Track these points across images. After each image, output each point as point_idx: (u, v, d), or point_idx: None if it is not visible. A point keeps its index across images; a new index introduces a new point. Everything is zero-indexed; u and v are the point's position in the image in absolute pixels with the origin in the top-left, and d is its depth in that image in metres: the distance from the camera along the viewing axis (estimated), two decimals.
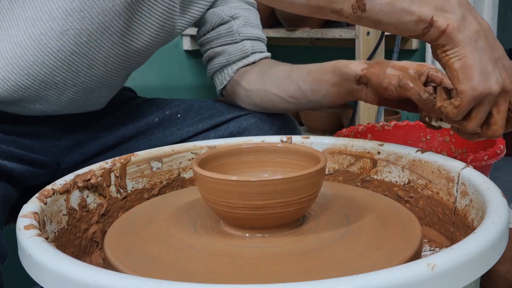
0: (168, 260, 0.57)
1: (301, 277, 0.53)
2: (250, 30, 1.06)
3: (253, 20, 1.07)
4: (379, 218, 0.66)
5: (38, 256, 0.49)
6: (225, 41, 1.04)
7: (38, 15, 0.85)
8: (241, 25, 1.05)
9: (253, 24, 1.07)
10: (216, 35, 1.05)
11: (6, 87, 0.88)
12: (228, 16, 1.04)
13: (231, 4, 1.05)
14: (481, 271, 0.47)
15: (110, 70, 0.95)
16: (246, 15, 1.06)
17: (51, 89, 0.91)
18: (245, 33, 1.05)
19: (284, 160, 0.72)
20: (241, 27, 1.05)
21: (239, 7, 1.06)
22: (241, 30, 1.05)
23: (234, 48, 1.04)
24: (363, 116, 1.76)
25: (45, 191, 0.65)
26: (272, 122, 1.01)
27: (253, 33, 1.06)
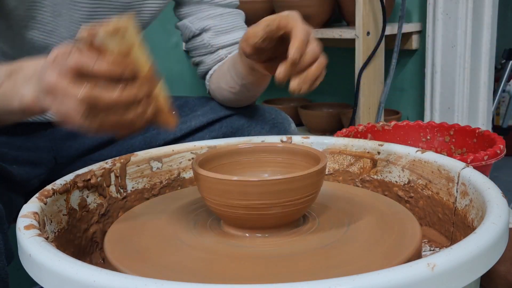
0: (168, 260, 0.57)
1: (301, 277, 0.53)
2: (223, 39, 1.03)
3: (227, 25, 1.04)
4: (379, 218, 0.66)
5: (38, 256, 0.49)
6: (201, 52, 1.05)
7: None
8: (213, 37, 1.03)
9: (226, 30, 1.04)
10: (192, 46, 1.06)
11: None
12: (197, 29, 1.03)
13: (201, 14, 1.03)
14: (481, 271, 0.47)
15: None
16: (217, 23, 1.03)
17: None
18: (218, 43, 1.03)
19: (284, 160, 0.72)
20: (213, 39, 1.03)
21: (210, 16, 1.03)
22: (213, 42, 1.03)
23: (210, 58, 1.05)
24: (363, 116, 1.76)
25: (45, 191, 0.65)
26: (264, 121, 1.02)
27: (227, 40, 1.03)
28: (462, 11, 1.75)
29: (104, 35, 0.52)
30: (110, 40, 0.52)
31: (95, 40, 0.52)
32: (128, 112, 0.55)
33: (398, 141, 1.23)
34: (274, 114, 1.04)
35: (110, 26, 0.52)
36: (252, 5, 1.95)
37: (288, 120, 1.06)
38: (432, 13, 1.82)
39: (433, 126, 1.25)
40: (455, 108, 1.83)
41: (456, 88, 1.82)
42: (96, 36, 0.52)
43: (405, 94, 2.07)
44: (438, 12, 1.79)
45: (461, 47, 1.78)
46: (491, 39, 1.82)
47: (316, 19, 1.83)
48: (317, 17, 1.83)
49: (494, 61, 1.89)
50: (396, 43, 1.78)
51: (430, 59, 1.85)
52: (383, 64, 1.81)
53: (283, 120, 1.04)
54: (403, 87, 2.06)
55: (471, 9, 1.75)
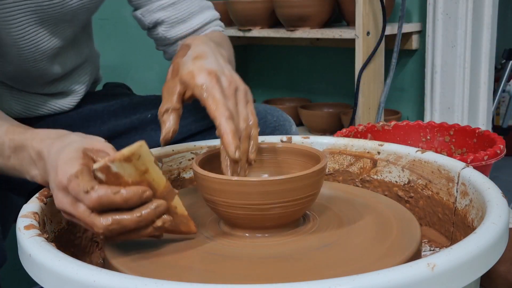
0: (168, 260, 0.57)
1: (301, 277, 0.53)
2: (179, 30, 0.99)
3: (180, 14, 0.99)
4: (379, 218, 0.66)
5: (38, 256, 0.49)
6: (161, 43, 1.03)
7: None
8: (167, 29, 0.99)
9: (181, 19, 0.99)
10: (151, 37, 1.03)
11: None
12: (150, 23, 0.99)
13: (151, 5, 0.98)
14: (481, 271, 0.47)
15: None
16: (170, 14, 0.98)
17: None
18: (174, 36, 0.99)
19: (284, 160, 0.72)
20: (168, 31, 0.99)
21: (161, 7, 0.98)
22: (169, 35, 0.99)
23: (171, 49, 1.02)
24: (363, 116, 1.76)
25: (45, 191, 0.65)
26: (266, 124, 1.01)
27: (184, 31, 0.99)
28: (462, 11, 1.75)
29: (117, 164, 0.54)
30: (124, 167, 0.54)
31: (110, 170, 0.54)
32: (147, 229, 0.57)
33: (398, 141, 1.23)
34: (276, 116, 1.03)
35: (122, 154, 0.54)
36: (252, 5, 1.95)
37: (290, 121, 1.05)
38: (432, 13, 1.82)
39: (433, 126, 1.25)
40: (455, 108, 1.83)
41: (456, 88, 1.82)
42: (110, 167, 0.54)
43: (405, 94, 2.07)
44: (438, 12, 1.79)
45: (461, 47, 1.78)
46: (491, 39, 1.82)
47: (316, 19, 1.83)
48: (317, 17, 1.83)
49: (494, 61, 1.89)
50: (396, 43, 1.78)
51: (430, 59, 1.85)
52: (383, 64, 1.81)
53: (284, 121, 1.04)
54: (403, 87, 2.06)
55: (471, 9, 1.75)
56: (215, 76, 0.68)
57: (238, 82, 0.70)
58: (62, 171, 0.57)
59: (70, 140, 0.63)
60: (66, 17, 0.88)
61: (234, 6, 1.99)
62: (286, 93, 2.43)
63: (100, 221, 0.55)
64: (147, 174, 0.56)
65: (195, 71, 0.69)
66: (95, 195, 0.54)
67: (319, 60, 2.30)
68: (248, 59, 2.55)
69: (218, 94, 0.66)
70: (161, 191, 0.57)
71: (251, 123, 0.68)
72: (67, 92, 1.03)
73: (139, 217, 0.55)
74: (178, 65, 0.72)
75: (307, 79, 2.36)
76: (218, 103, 0.65)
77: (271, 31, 1.94)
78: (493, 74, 1.90)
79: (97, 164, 0.54)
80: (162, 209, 0.57)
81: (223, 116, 0.64)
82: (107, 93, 1.15)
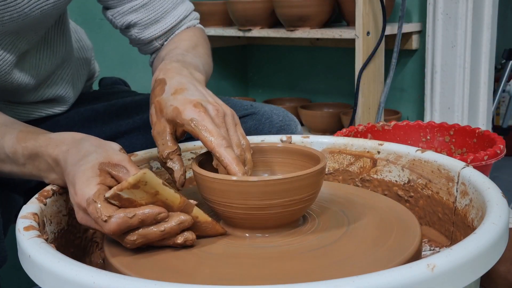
0: (168, 260, 0.57)
1: (300, 277, 0.53)
2: (152, 31, 0.96)
3: (153, 15, 0.96)
4: (379, 218, 0.66)
5: (38, 258, 0.49)
6: (135, 43, 1.01)
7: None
8: (140, 31, 0.96)
9: (154, 20, 0.96)
10: (126, 36, 1.01)
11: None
12: (122, 26, 0.97)
13: (122, 7, 0.95)
14: (481, 272, 0.47)
15: None
16: (142, 16, 0.95)
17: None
18: (148, 37, 0.97)
19: (284, 160, 0.72)
20: (141, 33, 0.96)
21: (132, 9, 0.95)
22: (142, 36, 0.97)
23: (145, 48, 1.00)
24: (363, 116, 1.76)
25: (44, 191, 0.65)
26: (271, 124, 1.01)
27: (157, 32, 0.96)
28: (462, 11, 1.75)
29: (128, 191, 0.56)
30: (134, 192, 0.56)
31: (121, 197, 0.56)
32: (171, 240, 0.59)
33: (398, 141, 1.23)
34: (281, 116, 1.03)
35: (129, 183, 0.55)
36: (252, 5, 1.95)
37: (295, 121, 1.05)
38: (432, 13, 1.82)
39: (433, 126, 1.25)
40: (455, 108, 1.83)
41: (456, 88, 1.82)
42: (121, 195, 0.56)
43: (405, 94, 2.07)
44: (438, 12, 1.79)
45: (461, 47, 1.78)
46: (491, 39, 1.82)
47: (316, 19, 1.83)
48: (317, 17, 1.83)
49: (494, 61, 1.89)
50: (396, 43, 1.78)
51: (430, 59, 1.85)
52: (383, 64, 1.81)
53: (290, 121, 1.03)
54: (403, 87, 2.06)
55: (471, 9, 1.75)
56: (202, 107, 0.66)
57: (224, 107, 0.69)
58: (80, 191, 0.59)
59: (85, 150, 0.64)
60: (29, 27, 0.86)
61: (234, 6, 1.99)
62: (286, 93, 2.43)
63: (126, 238, 0.57)
64: (159, 195, 0.57)
65: (180, 107, 0.67)
66: (114, 223, 0.56)
67: (319, 60, 2.30)
68: (248, 59, 2.55)
69: (210, 125, 0.65)
70: (177, 206, 0.58)
71: (244, 147, 0.67)
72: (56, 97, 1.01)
73: (163, 231, 0.57)
74: (160, 104, 0.70)
75: (307, 79, 2.36)
76: (213, 135, 0.64)
77: (271, 31, 1.94)
78: (493, 74, 1.90)
79: (108, 193, 0.56)
80: (185, 225, 0.58)
81: (221, 147, 0.63)
82: (107, 91, 1.14)
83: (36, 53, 0.94)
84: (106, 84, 1.22)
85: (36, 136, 0.69)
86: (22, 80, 0.92)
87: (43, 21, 0.88)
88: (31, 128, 0.73)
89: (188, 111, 0.66)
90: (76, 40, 1.09)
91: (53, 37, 0.97)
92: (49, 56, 0.96)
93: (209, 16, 2.15)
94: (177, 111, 0.67)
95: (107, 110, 1.05)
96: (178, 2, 0.99)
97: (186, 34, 0.98)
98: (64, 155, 0.64)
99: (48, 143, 0.67)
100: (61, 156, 0.65)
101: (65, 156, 0.64)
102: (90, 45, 1.15)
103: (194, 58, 0.86)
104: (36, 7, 0.83)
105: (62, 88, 1.02)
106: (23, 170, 0.70)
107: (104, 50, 1.90)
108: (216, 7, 2.14)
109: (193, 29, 1.00)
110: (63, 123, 1.02)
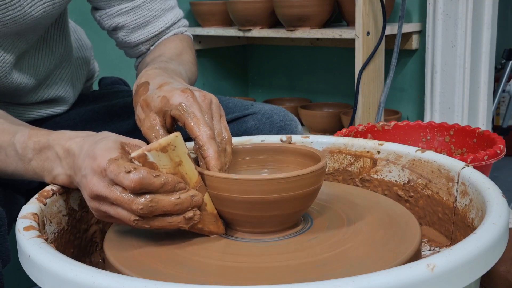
0: (168, 260, 0.57)
1: (300, 277, 0.53)
2: (139, 35, 0.97)
3: (141, 19, 0.96)
4: (379, 218, 0.66)
5: (38, 258, 0.49)
6: (121, 45, 1.01)
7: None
8: (127, 34, 0.97)
9: (142, 24, 0.96)
10: (112, 38, 1.01)
11: None
12: (109, 28, 0.97)
13: (111, 10, 0.95)
14: (481, 272, 0.47)
15: None
16: (130, 20, 0.95)
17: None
18: (135, 40, 0.97)
19: (284, 159, 0.72)
20: (128, 36, 0.97)
21: (121, 12, 0.95)
22: (129, 39, 0.97)
23: (131, 51, 1.01)
24: (363, 116, 1.76)
25: (44, 191, 0.65)
26: (272, 124, 1.01)
27: (144, 36, 0.97)
28: (462, 11, 1.75)
29: (154, 154, 0.56)
30: (160, 157, 0.56)
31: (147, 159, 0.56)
32: (179, 217, 0.58)
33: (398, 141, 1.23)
34: (282, 116, 1.03)
35: (159, 144, 0.56)
36: (252, 5, 1.95)
37: (296, 121, 1.05)
38: (432, 13, 1.82)
39: (433, 126, 1.25)
40: (455, 108, 1.83)
41: (456, 88, 1.82)
42: (147, 156, 0.56)
43: (405, 94, 2.07)
44: (438, 12, 1.79)
45: (461, 47, 1.78)
46: (491, 39, 1.82)
47: (316, 19, 1.83)
48: (317, 17, 1.83)
49: (494, 61, 1.89)
50: (396, 43, 1.78)
51: (430, 59, 1.85)
52: (383, 64, 1.81)
53: (290, 121, 1.03)
54: (403, 87, 2.06)
55: (471, 9, 1.75)
56: (190, 91, 0.66)
57: (210, 95, 0.69)
58: (102, 156, 0.58)
59: (105, 134, 0.63)
60: (29, 27, 0.86)
61: (234, 6, 1.99)
62: (286, 93, 2.43)
63: (139, 199, 0.56)
64: (181, 167, 0.57)
65: (167, 94, 0.67)
66: (137, 174, 0.55)
67: (319, 60, 2.30)
68: (248, 59, 2.55)
69: (197, 111, 0.64)
70: (193, 185, 0.59)
71: (225, 139, 0.67)
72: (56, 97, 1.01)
73: (178, 199, 0.57)
74: (146, 100, 0.69)
75: (307, 79, 2.36)
76: (199, 122, 0.63)
77: (271, 31, 1.95)
78: (493, 74, 1.90)
79: (135, 152, 0.56)
80: (197, 200, 0.58)
81: (205, 135, 0.63)
82: (107, 91, 1.14)
83: (35, 53, 0.94)
84: (106, 84, 1.22)
85: (49, 132, 0.69)
86: (22, 80, 0.92)
87: (43, 20, 0.88)
88: (43, 128, 0.72)
89: (176, 96, 0.66)
90: (75, 40, 1.10)
91: (52, 36, 0.97)
92: (48, 55, 0.97)
93: (209, 16, 2.15)
94: (165, 99, 0.67)
95: (107, 111, 1.05)
96: (168, 8, 0.99)
97: (173, 42, 0.98)
98: (80, 144, 0.64)
99: (61, 137, 0.67)
100: (76, 145, 0.64)
101: (81, 145, 0.63)
102: (89, 45, 1.15)
103: (178, 66, 0.86)
104: (36, 5, 0.83)
105: (61, 88, 1.02)
106: (27, 168, 0.69)
107: (104, 50, 1.90)
108: (216, 7, 2.14)
109: (180, 36, 1.00)
110: (64, 124, 1.02)
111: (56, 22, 0.97)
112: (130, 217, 0.57)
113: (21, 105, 0.98)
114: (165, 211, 0.57)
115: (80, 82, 1.09)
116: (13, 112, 0.96)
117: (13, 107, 0.97)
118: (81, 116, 1.04)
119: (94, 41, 1.23)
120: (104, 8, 0.96)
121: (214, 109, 0.68)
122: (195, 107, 0.65)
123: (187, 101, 0.65)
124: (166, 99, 0.66)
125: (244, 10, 1.97)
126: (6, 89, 0.91)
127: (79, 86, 1.09)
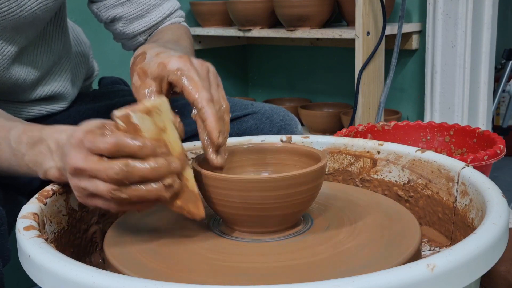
0: (168, 260, 0.57)
1: (300, 277, 0.53)
2: (137, 25, 0.97)
3: (139, 9, 0.96)
4: (379, 218, 0.66)
5: (38, 258, 0.49)
6: (119, 37, 1.01)
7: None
8: (125, 25, 0.97)
9: (139, 15, 0.97)
10: (110, 31, 1.01)
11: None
12: (107, 19, 0.97)
13: (108, 1, 0.95)
14: (481, 272, 0.47)
15: None
16: (127, 11, 0.95)
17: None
18: (133, 31, 0.97)
19: (284, 159, 0.72)
20: (126, 27, 0.97)
21: (118, 3, 0.95)
22: (127, 30, 0.97)
23: (129, 43, 1.01)
24: (363, 116, 1.76)
25: (44, 191, 0.65)
26: (272, 123, 1.01)
27: (142, 26, 0.97)
28: (462, 11, 1.75)
29: (138, 115, 0.54)
30: (144, 120, 0.55)
31: (130, 120, 0.54)
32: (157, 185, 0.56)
33: (398, 141, 1.23)
34: (282, 116, 1.03)
35: (145, 106, 0.54)
36: (252, 5, 1.95)
37: (296, 121, 1.04)
38: (432, 13, 1.82)
39: (433, 126, 1.25)
40: (455, 108, 1.83)
41: (456, 88, 1.82)
42: (131, 116, 0.54)
43: (405, 94, 2.07)
44: (438, 12, 1.79)
45: (461, 47, 1.78)
46: (491, 39, 1.82)
47: (316, 19, 1.83)
48: (317, 17, 1.83)
49: (494, 61, 1.89)
50: (396, 43, 1.78)
51: (430, 59, 1.85)
52: (383, 64, 1.81)
53: (290, 121, 1.03)
54: (403, 87, 2.06)
55: (471, 9, 1.75)
56: (188, 58, 0.65)
57: (208, 64, 0.68)
58: (80, 129, 0.57)
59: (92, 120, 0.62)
60: (27, 20, 0.86)
61: (234, 6, 1.99)
62: (286, 93, 2.43)
63: (114, 164, 0.54)
64: (165, 134, 0.56)
65: (165, 60, 0.66)
66: (113, 137, 0.54)
67: (319, 60, 2.30)
68: (248, 59, 2.55)
69: (195, 76, 0.63)
70: (176, 156, 0.56)
71: (223, 108, 0.65)
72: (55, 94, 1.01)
73: (154, 165, 0.54)
74: (143, 68, 0.68)
75: (307, 79, 2.36)
76: (198, 86, 0.62)
77: (271, 31, 1.95)
78: (493, 74, 1.90)
79: (119, 111, 0.55)
80: (176, 166, 0.56)
81: (204, 99, 0.61)
82: (107, 90, 1.15)
83: (34, 49, 0.94)
84: (106, 84, 1.22)
85: (43, 127, 0.68)
86: (20, 75, 0.92)
87: (41, 12, 0.88)
88: (37, 124, 0.72)
89: (173, 62, 0.65)
90: (73, 38, 1.10)
91: (51, 33, 0.97)
92: (46, 52, 0.97)
93: (209, 16, 2.15)
94: (163, 65, 0.66)
95: (107, 109, 1.05)
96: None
97: (170, 29, 0.98)
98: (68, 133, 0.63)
99: (54, 131, 0.66)
100: (65, 136, 0.63)
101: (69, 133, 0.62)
102: (88, 43, 1.16)
103: (175, 47, 0.85)
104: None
105: (60, 85, 1.02)
106: (21, 163, 0.69)
107: (104, 50, 1.90)
108: (216, 7, 2.14)
109: (177, 25, 1.01)
110: (64, 122, 1.02)
111: (55, 19, 0.98)
112: (108, 189, 0.55)
113: (21, 102, 0.98)
114: (142, 176, 0.55)
115: (79, 79, 1.10)
116: (12, 110, 0.96)
117: (13, 104, 0.97)
118: (81, 115, 1.04)
119: (93, 41, 1.24)
120: (101, 0, 0.96)
121: (211, 78, 0.67)
122: (193, 71, 0.64)
123: (185, 66, 0.64)
124: (163, 64, 0.66)
125: (244, 10, 1.97)
126: (4, 85, 0.91)
127: (78, 84, 1.09)
